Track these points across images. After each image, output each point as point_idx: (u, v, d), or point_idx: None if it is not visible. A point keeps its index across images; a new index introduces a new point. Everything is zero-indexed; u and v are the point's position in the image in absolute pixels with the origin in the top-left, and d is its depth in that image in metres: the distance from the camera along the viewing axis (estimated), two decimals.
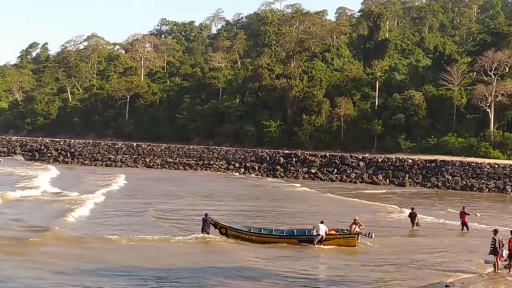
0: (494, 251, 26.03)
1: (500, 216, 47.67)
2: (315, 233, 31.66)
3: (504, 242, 26.15)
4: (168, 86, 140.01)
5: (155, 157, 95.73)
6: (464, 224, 39.38)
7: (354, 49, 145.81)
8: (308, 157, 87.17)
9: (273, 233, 32.52)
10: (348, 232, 32.18)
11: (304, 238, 31.73)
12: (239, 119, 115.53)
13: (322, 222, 32.59)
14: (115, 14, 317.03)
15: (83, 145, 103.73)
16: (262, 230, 32.93)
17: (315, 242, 31.43)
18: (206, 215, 33.11)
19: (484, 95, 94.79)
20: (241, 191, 61.79)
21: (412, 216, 39.69)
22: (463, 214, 39.58)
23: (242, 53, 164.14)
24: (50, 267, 25.03)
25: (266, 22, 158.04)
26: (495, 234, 26.89)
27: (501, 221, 42.47)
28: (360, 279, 24.93)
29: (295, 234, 32.39)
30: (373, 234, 32.10)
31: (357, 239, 31.68)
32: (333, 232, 32.08)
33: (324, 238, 31.54)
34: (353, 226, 32.61)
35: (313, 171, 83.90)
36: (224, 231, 32.02)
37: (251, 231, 32.32)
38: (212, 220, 32.74)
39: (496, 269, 26.38)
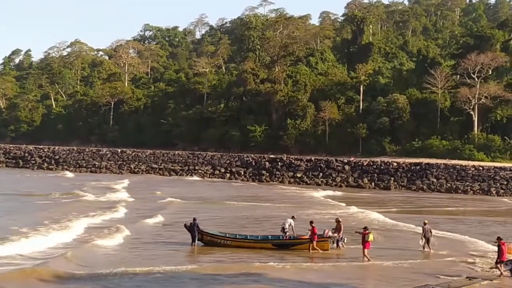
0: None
1: None
2: (290, 235, 31.97)
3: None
4: (152, 91, 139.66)
5: (140, 163, 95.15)
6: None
7: (338, 53, 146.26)
8: (293, 161, 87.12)
9: (248, 238, 32.51)
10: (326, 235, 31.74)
11: (279, 242, 31.70)
12: (224, 124, 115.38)
13: (293, 217, 32.78)
14: (98, 20, 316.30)
15: (68, 152, 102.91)
16: (237, 235, 32.90)
17: (282, 237, 31.86)
18: (194, 219, 32.04)
19: (468, 98, 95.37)
20: None
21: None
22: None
23: (227, 58, 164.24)
24: None
25: (250, 27, 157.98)
26: (425, 224, 31.81)
27: None
28: (342, 282, 24.92)
29: (270, 238, 32.40)
30: (345, 239, 31.84)
31: (330, 243, 31.45)
32: (305, 236, 31.92)
33: (290, 236, 31.77)
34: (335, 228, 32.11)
35: (298, 175, 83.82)
36: (200, 236, 31.72)
37: (227, 236, 32.27)
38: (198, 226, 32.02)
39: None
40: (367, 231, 29.03)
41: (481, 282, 24.90)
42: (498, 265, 25.86)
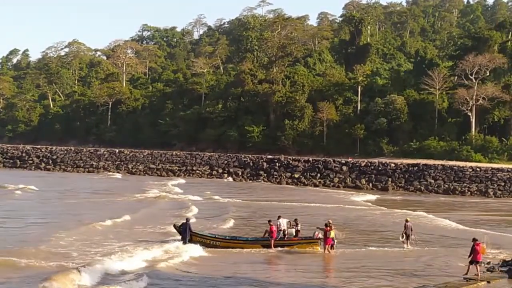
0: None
1: None
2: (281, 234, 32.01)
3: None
4: (150, 92, 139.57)
5: (138, 163, 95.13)
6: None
7: (336, 54, 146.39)
8: (291, 162, 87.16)
9: (238, 239, 32.59)
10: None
11: (268, 243, 31.71)
12: (221, 124, 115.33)
13: (279, 217, 32.61)
14: (96, 20, 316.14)
15: (65, 152, 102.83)
16: (227, 236, 32.96)
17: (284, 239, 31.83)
18: (187, 220, 32.10)
19: (465, 99, 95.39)
20: None
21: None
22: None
23: (225, 59, 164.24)
24: None
25: (248, 27, 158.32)
26: (407, 222, 33.13)
27: None
28: (341, 285, 24.89)
29: (259, 239, 32.47)
30: (335, 241, 31.74)
31: (320, 244, 31.52)
32: (295, 238, 32.01)
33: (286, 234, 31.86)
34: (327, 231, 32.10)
35: (296, 176, 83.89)
36: (190, 237, 31.65)
37: (216, 237, 32.26)
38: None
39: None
40: (328, 228, 30.46)
41: (478, 283, 24.92)
42: (476, 266, 25.95)
